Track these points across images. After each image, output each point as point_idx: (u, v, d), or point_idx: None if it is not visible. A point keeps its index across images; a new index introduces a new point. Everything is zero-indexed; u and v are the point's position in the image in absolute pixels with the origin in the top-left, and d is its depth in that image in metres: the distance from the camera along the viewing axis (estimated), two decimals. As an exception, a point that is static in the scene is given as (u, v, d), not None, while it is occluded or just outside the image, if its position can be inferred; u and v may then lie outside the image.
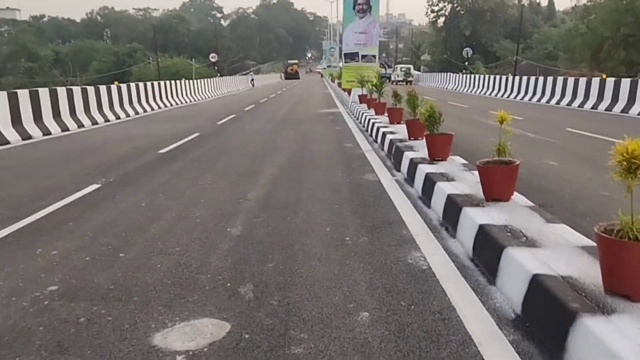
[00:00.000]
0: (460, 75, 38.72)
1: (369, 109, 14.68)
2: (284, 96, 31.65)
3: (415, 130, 8.10)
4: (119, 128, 14.60)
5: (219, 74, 46.03)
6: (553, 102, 22.01)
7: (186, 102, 26.34)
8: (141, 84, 20.87)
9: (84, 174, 7.44)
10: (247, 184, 6.53)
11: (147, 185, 6.66)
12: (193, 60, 75.10)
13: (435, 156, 6.31)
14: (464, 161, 6.35)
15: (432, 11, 78.42)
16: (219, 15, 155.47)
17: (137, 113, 18.99)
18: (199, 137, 11.75)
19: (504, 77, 30.28)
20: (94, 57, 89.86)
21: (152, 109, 20.90)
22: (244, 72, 70.16)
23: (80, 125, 14.37)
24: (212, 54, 48.06)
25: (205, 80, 33.85)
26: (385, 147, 8.79)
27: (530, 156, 7.72)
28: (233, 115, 17.37)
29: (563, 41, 65.74)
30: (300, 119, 15.79)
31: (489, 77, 32.35)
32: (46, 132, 12.70)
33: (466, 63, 45.96)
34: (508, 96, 27.60)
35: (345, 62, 18.59)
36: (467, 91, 35.26)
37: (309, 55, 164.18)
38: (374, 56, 18.51)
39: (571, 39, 56.68)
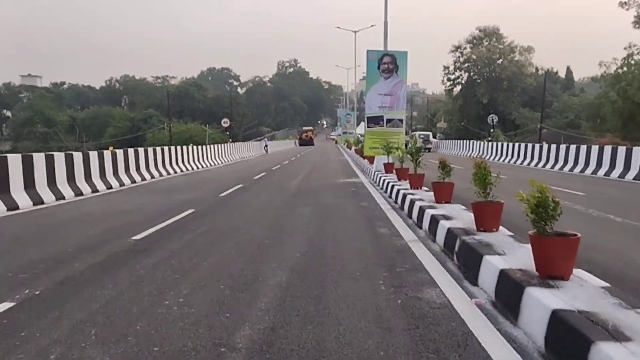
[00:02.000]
0: (485, 143, 36.68)
1: (399, 180, 12.39)
2: (298, 163, 29.67)
3: (486, 217, 5.71)
4: (103, 200, 12.40)
5: (230, 140, 44.57)
6: (588, 171, 19.72)
7: (194, 168, 24.38)
8: (141, 150, 18.93)
9: (6, 279, 5.09)
10: (239, 309, 4.12)
11: (81, 307, 4.26)
12: (207, 126, 74.47)
13: (550, 272, 3.87)
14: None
15: (449, 79, 78.11)
16: (236, 83, 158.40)
17: (133, 182, 16.91)
18: (192, 215, 9.45)
19: (530, 145, 28.13)
20: (110, 123, 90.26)
21: (154, 177, 18.85)
22: (258, 138, 69.22)
23: (59, 197, 12.20)
24: (225, 120, 46.89)
25: (216, 145, 32.15)
26: (440, 239, 6.38)
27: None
28: (240, 185, 15.16)
29: (584, 109, 64.36)
30: (317, 190, 13.51)
31: (516, 145, 30.19)
32: (11, 206, 10.51)
33: (492, 130, 44.06)
34: (536, 165, 25.31)
35: (368, 127, 16.54)
36: (492, 159, 33.05)
37: (324, 122, 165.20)
38: (401, 120, 16.49)
39: (599, 107, 55.05)
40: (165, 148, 21.94)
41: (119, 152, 16.88)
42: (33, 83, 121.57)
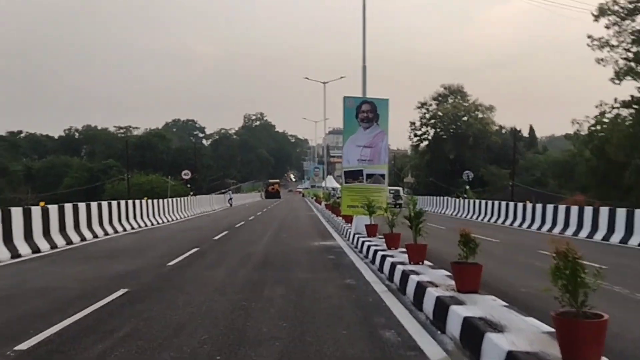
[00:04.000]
0: (461, 200, 35.17)
1: (389, 248, 10.21)
2: (264, 219, 27.27)
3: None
4: (16, 272, 9.75)
5: (192, 193, 41.87)
6: (583, 234, 18.27)
7: (147, 225, 21.69)
8: (82, 205, 16.29)
9: None
10: None
11: None
12: (170, 177, 71.50)
13: None
14: None
15: (415, 135, 78.24)
16: (201, 134, 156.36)
17: (70, 243, 14.26)
18: (121, 301, 7.00)
19: (511, 204, 26.63)
20: (67, 173, 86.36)
21: (97, 236, 16.19)
22: (223, 191, 66.53)
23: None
24: (185, 171, 44.24)
25: (175, 199, 29.52)
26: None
27: None
28: (194, 250, 12.69)
29: (551, 167, 64.75)
30: (289, 259, 11.17)
31: (495, 203, 28.64)
32: None
33: (467, 187, 42.83)
34: (520, 225, 23.68)
35: (346, 182, 14.46)
36: (468, 217, 31.45)
37: (291, 175, 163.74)
38: (383, 176, 14.49)
39: (566, 165, 55.06)
40: (114, 202, 19.32)
41: (52, 208, 14.26)
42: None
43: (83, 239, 15.32)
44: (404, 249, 9.80)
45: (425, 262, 8.19)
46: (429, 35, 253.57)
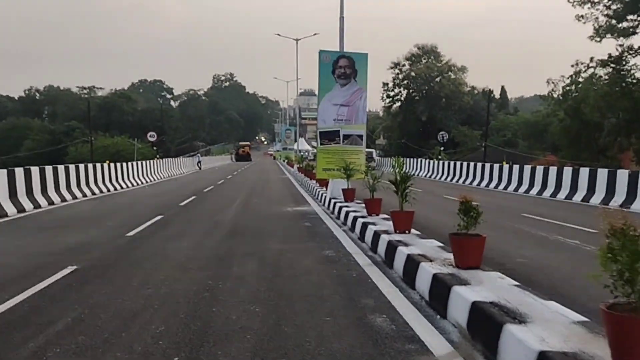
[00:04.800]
0: (435, 162, 34.69)
1: (369, 215, 9.42)
2: (235, 182, 26.25)
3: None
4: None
5: (158, 156, 40.27)
6: (561, 195, 17.96)
7: (110, 190, 20.45)
8: (35, 169, 14.99)
9: None
10: None
11: None
12: (137, 140, 69.23)
13: None
14: None
15: (388, 96, 77.20)
16: (169, 96, 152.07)
17: (21, 210, 13.07)
18: (67, 281, 6.04)
19: (487, 165, 26.19)
20: (28, 136, 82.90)
21: (53, 203, 14.98)
22: (191, 154, 64.69)
23: None
24: (151, 133, 42.28)
25: (140, 162, 28.14)
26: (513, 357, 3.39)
27: None
28: (158, 217, 11.70)
29: (522, 128, 64.93)
30: (260, 228, 10.29)
31: (473, 165, 28.17)
32: None
33: (442, 148, 42.38)
34: (496, 187, 23.29)
35: (322, 144, 13.53)
36: (445, 179, 31.05)
37: (262, 137, 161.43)
38: (361, 137, 13.60)
39: (536, 126, 55.16)
40: (72, 166, 18.00)
41: (1, 173, 13.00)
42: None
43: (37, 206, 14.12)
44: (386, 216, 9.07)
45: (412, 230, 7.42)
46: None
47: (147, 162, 30.09)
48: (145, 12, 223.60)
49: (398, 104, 75.87)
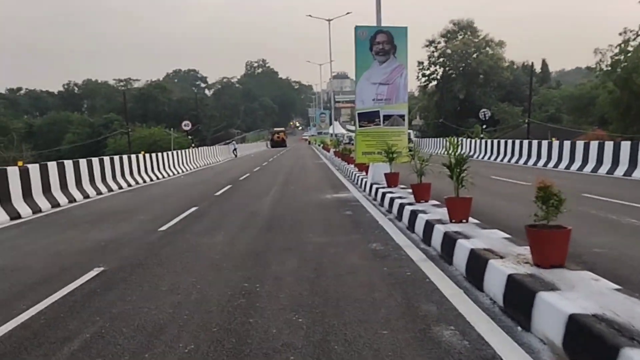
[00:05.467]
0: (477, 141, 33.33)
1: (417, 201, 8.62)
2: (270, 170, 25.71)
3: None
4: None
5: (193, 145, 40.13)
6: (620, 172, 16.74)
7: (146, 181, 20.21)
8: (68, 163, 14.72)
9: None
10: None
11: None
12: (172, 129, 69.73)
13: None
14: None
15: (424, 75, 75.37)
16: (203, 85, 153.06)
17: (56, 205, 12.81)
18: (91, 286, 5.51)
19: (534, 143, 24.79)
20: (69, 129, 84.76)
21: (88, 196, 14.73)
22: (227, 142, 64.72)
23: None
24: (185, 122, 42.09)
25: (175, 152, 27.91)
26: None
27: None
28: (192, 209, 11.18)
29: (565, 102, 62.20)
30: (299, 219, 9.62)
31: (519, 143, 26.78)
32: None
33: (484, 126, 40.84)
34: (545, 165, 21.99)
35: (360, 126, 12.72)
36: (488, 159, 29.76)
37: (296, 122, 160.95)
38: (402, 117, 12.73)
39: (586, 100, 52.60)
40: (106, 158, 17.76)
41: (33, 168, 12.72)
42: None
43: (72, 200, 13.85)
44: (437, 202, 8.27)
45: (470, 219, 6.59)
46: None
47: (183, 151, 29.87)
48: (177, 3, 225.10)
49: (434, 82, 73.96)
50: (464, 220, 6.50)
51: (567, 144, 21.41)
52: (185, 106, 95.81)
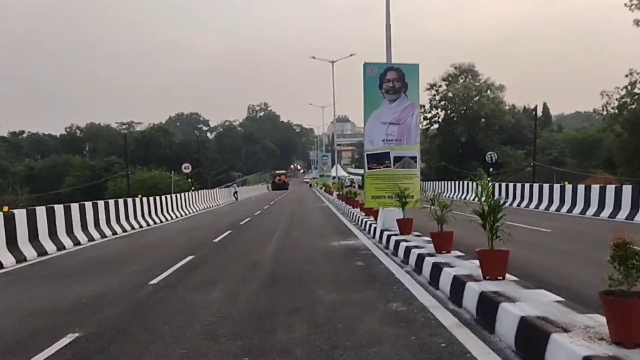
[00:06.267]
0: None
1: (438, 252, 7.71)
2: (272, 213, 24.83)
3: None
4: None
5: (193, 188, 39.40)
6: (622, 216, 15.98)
7: (142, 226, 19.30)
8: (59, 208, 13.90)
9: None
10: None
11: None
12: (173, 172, 69.25)
13: None
14: None
15: (425, 118, 75.36)
16: (205, 128, 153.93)
17: (42, 253, 11.88)
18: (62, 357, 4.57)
19: (546, 186, 24.00)
20: (69, 172, 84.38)
21: (79, 243, 13.84)
22: (228, 184, 64.09)
23: None
24: (185, 164, 41.50)
25: (175, 195, 27.09)
26: None
27: None
28: (188, 259, 10.25)
29: (569, 146, 61.89)
30: (305, 271, 8.70)
31: (529, 187, 25.96)
32: None
33: (491, 169, 40.17)
34: (558, 209, 21.09)
35: (369, 168, 11.93)
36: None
37: (297, 165, 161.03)
38: (414, 158, 11.96)
39: (589, 143, 52.27)
40: (100, 203, 16.90)
41: (19, 214, 11.87)
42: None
43: (60, 247, 12.94)
44: (460, 253, 7.39)
45: (507, 275, 5.69)
46: (437, 14, 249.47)
47: (182, 194, 29.05)
48: (179, 48, 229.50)
49: (436, 126, 73.89)
50: (500, 277, 5.59)
51: (580, 187, 20.59)
52: (187, 149, 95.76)
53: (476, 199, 5.95)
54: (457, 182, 40.91)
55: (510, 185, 28.96)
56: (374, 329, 5.02)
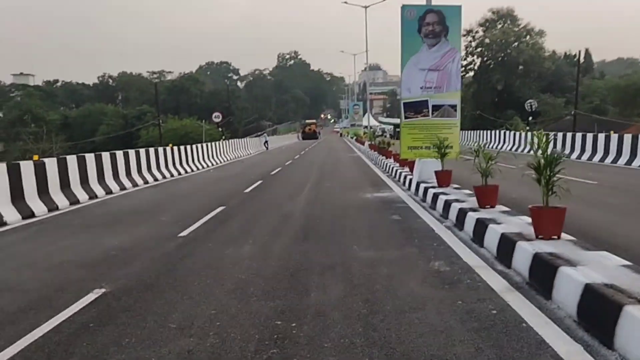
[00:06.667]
0: (523, 134, 31.38)
1: (481, 206, 7.23)
2: (303, 163, 24.50)
3: None
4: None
5: (223, 137, 39.21)
6: None
7: (173, 175, 19.25)
8: (89, 156, 13.79)
9: None
10: None
11: None
12: (204, 121, 69.27)
13: None
14: None
15: (461, 66, 72.60)
16: (235, 77, 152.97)
17: (75, 202, 11.85)
18: (76, 324, 4.35)
19: (589, 136, 22.89)
20: (103, 121, 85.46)
21: (111, 192, 13.80)
22: (258, 134, 63.86)
23: None
24: (216, 114, 41.14)
25: (205, 145, 26.94)
26: None
27: None
28: (219, 210, 10.01)
29: (611, 93, 59.27)
30: (338, 221, 8.39)
31: (571, 136, 24.80)
32: None
33: (530, 118, 38.73)
34: (602, 160, 20.14)
35: (406, 117, 11.32)
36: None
37: (327, 114, 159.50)
38: (454, 107, 11.28)
39: (633, 90, 49.83)
40: (131, 151, 16.79)
41: (50, 162, 11.79)
42: (25, 82, 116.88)
43: (92, 196, 12.90)
44: (505, 209, 6.90)
45: (563, 234, 5.19)
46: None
47: (213, 144, 28.90)
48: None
49: (471, 73, 71.42)
50: (555, 237, 5.10)
51: (627, 137, 19.51)
52: (217, 98, 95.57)
53: (517, 148, 5.40)
54: (492, 132, 39.60)
55: (551, 134, 27.76)
56: (416, 292, 4.64)
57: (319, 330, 3.85)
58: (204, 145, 26.44)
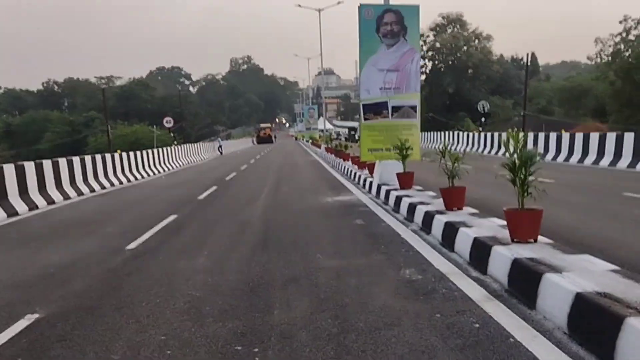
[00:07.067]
0: (476, 134, 31.82)
1: (448, 209, 6.94)
2: (259, 168, 23.91)
3: None
4: None
5: (175, 142, 38.05)
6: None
7: (121, 182, 18.31)
8: (29, 165, 12.84)
9: None
10: None
11: None
12: (155, 127, 67.38)
13: None
14: None
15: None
16: (187, 82, 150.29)
17: (12, 214, 10.90)
18: (10, 350, 3.73)
19: (541, 135, 23.42)
20: (48, 128, 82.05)
21: (51, 202, 12.88)
22: (212, 138, 62.64)
23: None
24: (167, 118, 39.87)
25: (157, 150, 25.95)
26: None
27: None
28: (170, 219, 9.38)
29: (557, 95, 61.44)
30: (300, 228, 7.94)
31: (522, 135, 25.17)
32: None
33: (483, 119, 39.37)
34: (554, 158, 20.52)
35: (366, 119, 11.00)
36: (488, 152, 28.38)
37: (282, 119, 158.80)
38: (414, 108, 11.04)
39: (578, 92, 51.62)
40: (76, 158, 15.83)
41: (-16, 171, 10.85)
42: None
43: (32, 207, 12.00)
44: (474, 211, 6.63)
45: (540, 237, 4.92)
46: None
47: (164, 149, 27.91)
48: (162, 1, 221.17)
49: (423, 77, 72.58)
50: (531, 240, 4.82)
51: (579, 136, 19.95)
52: (169, 104, 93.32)
53: (471, 148, 5.12)
54: (447, 133, 40.13)
55: (504, 134, 28.30)
56: (389, 305, 4.25)
57: (286, 355, 3.39)
58: (155, 151, 25.45)
